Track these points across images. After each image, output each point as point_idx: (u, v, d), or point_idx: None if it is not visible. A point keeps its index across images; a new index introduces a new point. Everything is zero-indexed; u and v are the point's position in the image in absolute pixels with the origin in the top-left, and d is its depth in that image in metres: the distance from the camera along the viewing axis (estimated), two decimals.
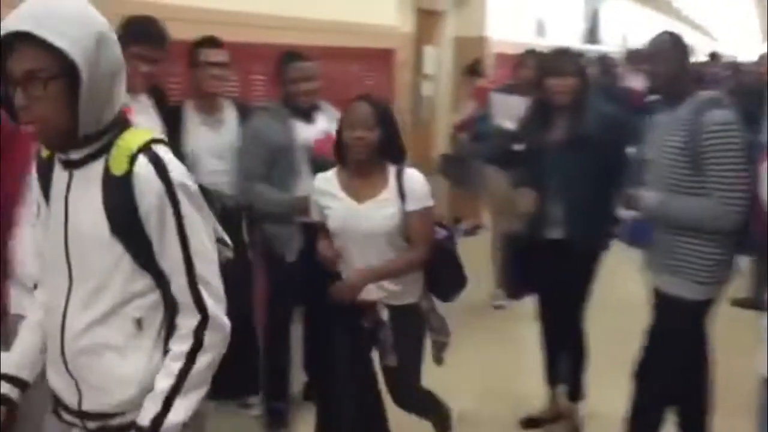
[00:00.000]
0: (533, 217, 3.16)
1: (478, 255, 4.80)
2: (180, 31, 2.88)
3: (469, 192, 6.76)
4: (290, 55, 3.21)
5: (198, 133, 3.11)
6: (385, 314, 2.66)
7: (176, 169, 1.46)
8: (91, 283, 1.47)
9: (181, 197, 1.45)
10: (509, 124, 4.19)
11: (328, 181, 2.65)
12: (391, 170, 2.61)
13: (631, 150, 3.05)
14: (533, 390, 3.61)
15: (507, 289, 3.73)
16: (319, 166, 3.03)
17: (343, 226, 2.59)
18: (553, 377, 3.47)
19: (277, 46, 4.06)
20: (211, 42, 3.09)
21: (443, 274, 2.73)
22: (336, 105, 3.61)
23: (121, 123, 1.48)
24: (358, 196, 2.59)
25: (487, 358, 4.26)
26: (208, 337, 1.49)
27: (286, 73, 3.15)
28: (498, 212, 4.93)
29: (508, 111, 4.31)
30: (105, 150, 1.45)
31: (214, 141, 3.14)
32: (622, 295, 4.44)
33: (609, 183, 3.04)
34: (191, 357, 1.47)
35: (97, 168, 1.44)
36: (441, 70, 7.40)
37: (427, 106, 7.30)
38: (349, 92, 4.87)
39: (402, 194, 2.57)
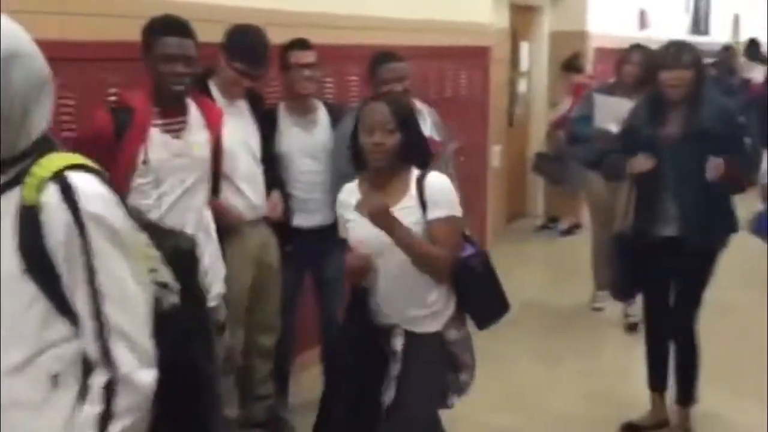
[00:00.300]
0: (645, 214, 3.09)
1: (576, 255, 4.70)
2: (272, 35, 2.94)
3: (566, 191, 6.63)
4: (382, 55, 3.22)
5: (291, 135, 3.17)
6: (398, 342, 2.37)
7: (92, 199, 1.26)
8: (1, 328, 1.27)
9: (93, 231, 1.25)
10: (612, 127, 4.04)
11: (350, 192, 2.44)
12: (414, 175, 2.36)
13: (748, 142, 2.95)
14: (635, 395, 3.49)
15: (614, 290, 3.61)
16: None
17: (364, 239, 2.33)
18: (658, 381, 3.35)
19: (372, 46, 4.10)
20: (301, 44, 3.13)
21: (475, 297, 2.42)
22: (434, 105, 3.62)
23: (43, 147, 1.30)
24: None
25: (586, 361, 4.15)
26: (120, 401, 1.27)
27: (379, 74, 3.16)
28: (598, 213, 4.77)
29: (611, 113, 4.14)
30: (21, 177, 1.27)
31: (307, 142, 3.19)
32: (727, 296, 4.25)
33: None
34: (102, 424, 1.27)
35: (13, 198, 1.26)
36: (537, 67, 7.27)
37: (523, 104, 7.19)
38: (445, 91, 4.90)
39: (423, 202, 2.31)
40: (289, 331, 3.31)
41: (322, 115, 3.27)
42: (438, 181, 2.33)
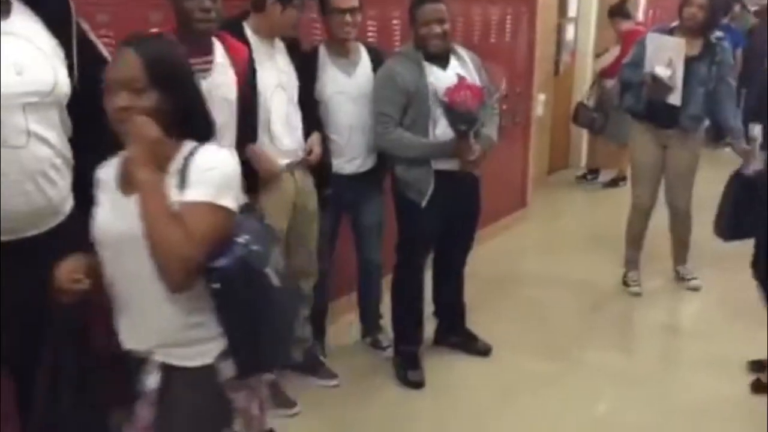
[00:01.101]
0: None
1: (619, 209, 4.59)
2: None
3: (610, 142, 6.48)
4: None
5: (331, 78, 3.12)
6: (153, 380, 1.73)
7: None
8: None
9: None
10: (663, 71, 3.85)
11: (109, 168, 1.75)
12: (185, 149, 1.68)
13: None
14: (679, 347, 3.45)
15: (719, 228, 3.48)
16: (454, 115, 2.98)
17: (100, 229, 1.70)
18: None
19: None
20: None
21: (231, 324, 1.67)
22: (478, 50, 3.52)
23: None
24: (130, 185, 1.65)
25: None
26: None
27: (417, 16, 3.10)
28: (642, 174, 4.40)
29: (664, 54, 3.90)
30: None
31: (348, 85, 3.14)
32: None
33: None
34: None
35: None
36: (585, 13, 7.03)
37: (570, 51, 6.99)
38: (489, 37, 4.77)
39: (183, 180, 1.63)
40: (326, 277, 3.32)
41: (364, 58, 3.22)
42: (208, 159, 1.65)
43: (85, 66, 1.86)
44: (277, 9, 2.74)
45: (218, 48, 2.50)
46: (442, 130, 3.07)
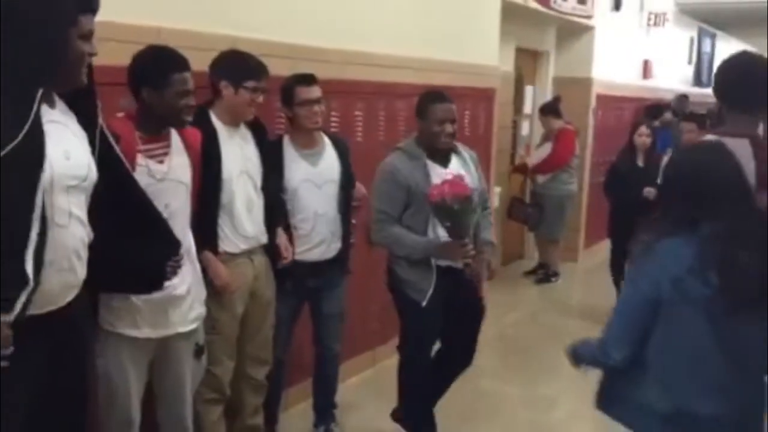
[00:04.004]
0: None
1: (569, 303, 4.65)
2: (275, 68, 2.97)
3: (543, 238, 6.62)
4: (434, 95, 3.20)
5: (296, 167, 3.16)
6: None
7: None
8: None
9: None
10: None
11: None
12: None
13: None
14: None
15: None
16: (437, 211, 2.95)
17: None
18: None
19: (380, 83, 4.15)
20: (308, 80, 3.14)
21: None
22: None
23: None
24: None
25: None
26: None
27: (431, 114, 3.12)
28: None
29: None
30: None
31: (312, 174, 3.18)
32: None
33: None
34: None
35: None
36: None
37: (524, 146, 7.23)
38: None
39: None
40: (281, 365, 3.28)
41: (328, 147, 3.28)
42: None
43: (102, 153, 2.04)
44: (230, 91, 2.81)
45: (173, 133, 2.56)
46: (443, 230, 3.05)
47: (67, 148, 1.88)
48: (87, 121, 1.98)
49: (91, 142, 1.98)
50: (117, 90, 2.50)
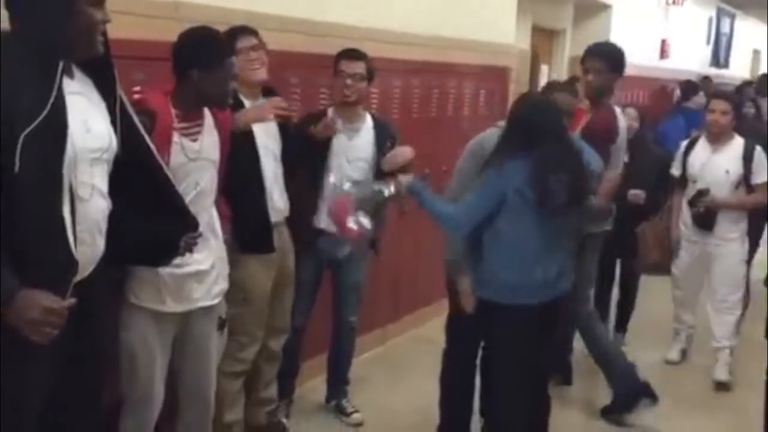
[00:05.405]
0: None
1: None
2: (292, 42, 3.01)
3: None
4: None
5: (336, 140, 3.19)
6: None
7: None
8: None
9: None
10: None
11: None
12: None
13: None
14: None
15: None
16: None
17: None
18: None
19: (405, 61, 4.14)
20: (350, 54, 3.20)
21: None
22: (449, 120, 3.62)
23: None
24: None
25: None
26: None
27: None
28: None
29: None
30: None
31: (346, 147, 3.21)
32: None
33: None
34: None
35: None
36: None
37: None
38: (462, 109, 4.90)
39: None
40: (299, 335, 3.31)
41: (367, 126, 3.30)
42: None
43: (123, 127, 2.01)
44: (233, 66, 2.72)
45: (206, 112, 2.57)
46: None
47: (86, 119, 1.87)
48: (105, 92, 1.96)
49: (111, 112, 1.97)
50: (134, 63, 2.51)
